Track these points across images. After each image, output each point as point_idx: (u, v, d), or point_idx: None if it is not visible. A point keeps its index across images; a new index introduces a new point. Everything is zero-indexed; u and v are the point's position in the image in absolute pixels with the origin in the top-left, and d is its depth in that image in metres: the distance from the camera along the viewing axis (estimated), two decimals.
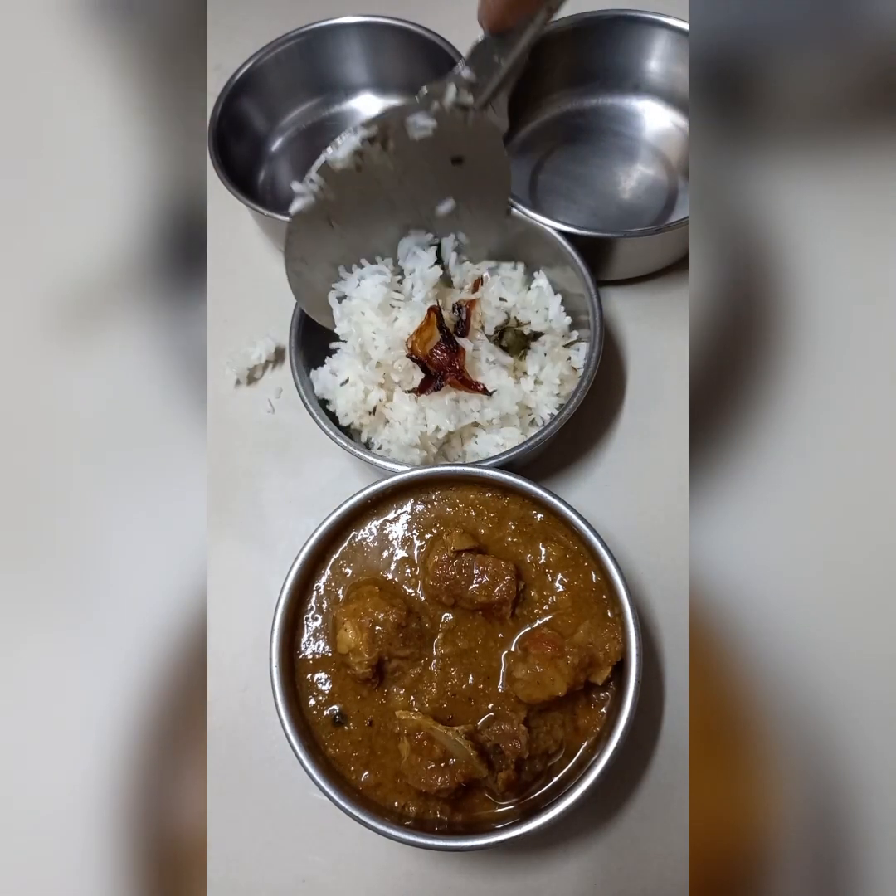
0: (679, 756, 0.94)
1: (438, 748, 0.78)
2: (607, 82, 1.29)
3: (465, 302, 1.02)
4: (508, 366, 1.01)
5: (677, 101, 1.27)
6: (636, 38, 1.22)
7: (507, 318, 1.04)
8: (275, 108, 1.37)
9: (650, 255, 1.16)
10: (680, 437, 1.10)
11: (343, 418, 1.04)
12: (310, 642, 0.87)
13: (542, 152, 1.30)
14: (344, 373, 1.02)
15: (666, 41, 1.20)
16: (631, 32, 1.21)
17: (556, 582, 0.85)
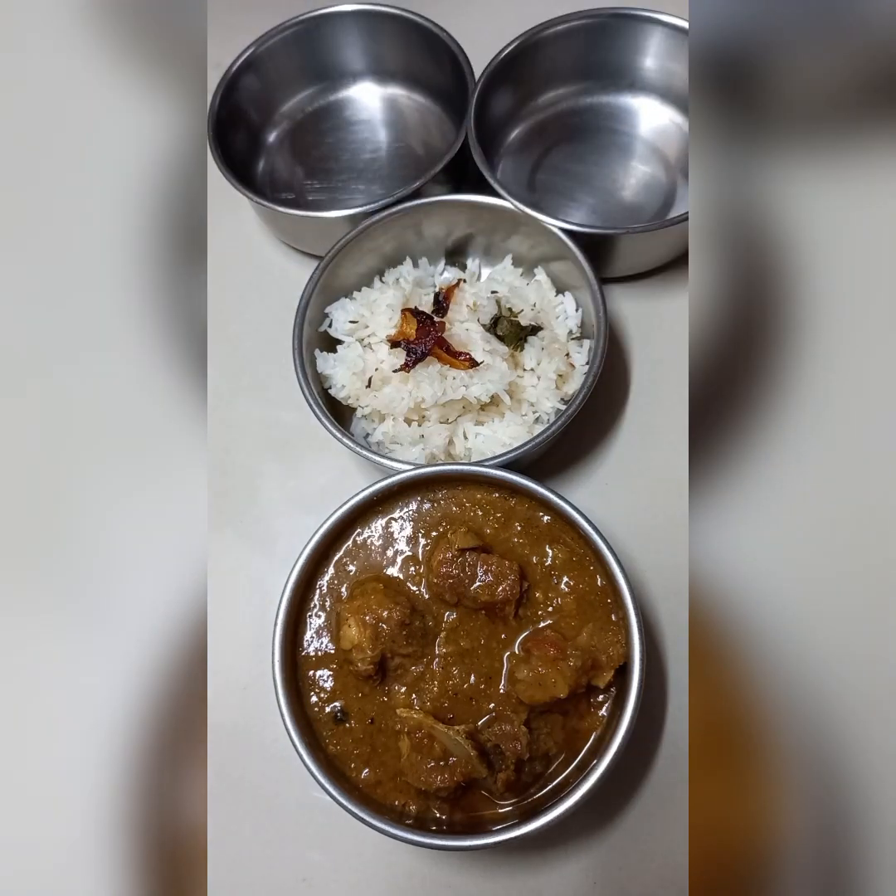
0: (680, 755, 0.93)
1: (438, 747, 0.77)
2: (604, 80, 1.29)
3: (443, 288, 1.07)
4: (504, 355, 1.02)
5: (674, 98, 1.27)
6: (631, 35, 1.22)
7: (499, 307, 1.05)
8: (273, 97, 1.37)
9: (652, 251, 1.16)
10: (682, 436, 1.10)
11: (340, 390, 1.05)
12: (312, 639, 0.87)
13: (541, 151, 1.30)
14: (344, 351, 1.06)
15: (661, 38, 1.20)
16: (626, 30, 1.21)
17: (562, 584, 0.85)
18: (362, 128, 1.39)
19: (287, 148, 1.39)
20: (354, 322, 1.09)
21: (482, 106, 1.17)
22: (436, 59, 1.26)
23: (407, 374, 1.00)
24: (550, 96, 1.31)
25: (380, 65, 1.38)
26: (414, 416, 1.03)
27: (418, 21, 1.25)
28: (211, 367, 1.21)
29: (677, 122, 1.28)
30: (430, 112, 1.37)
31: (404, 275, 1.13)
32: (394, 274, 1.14)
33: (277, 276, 1.29)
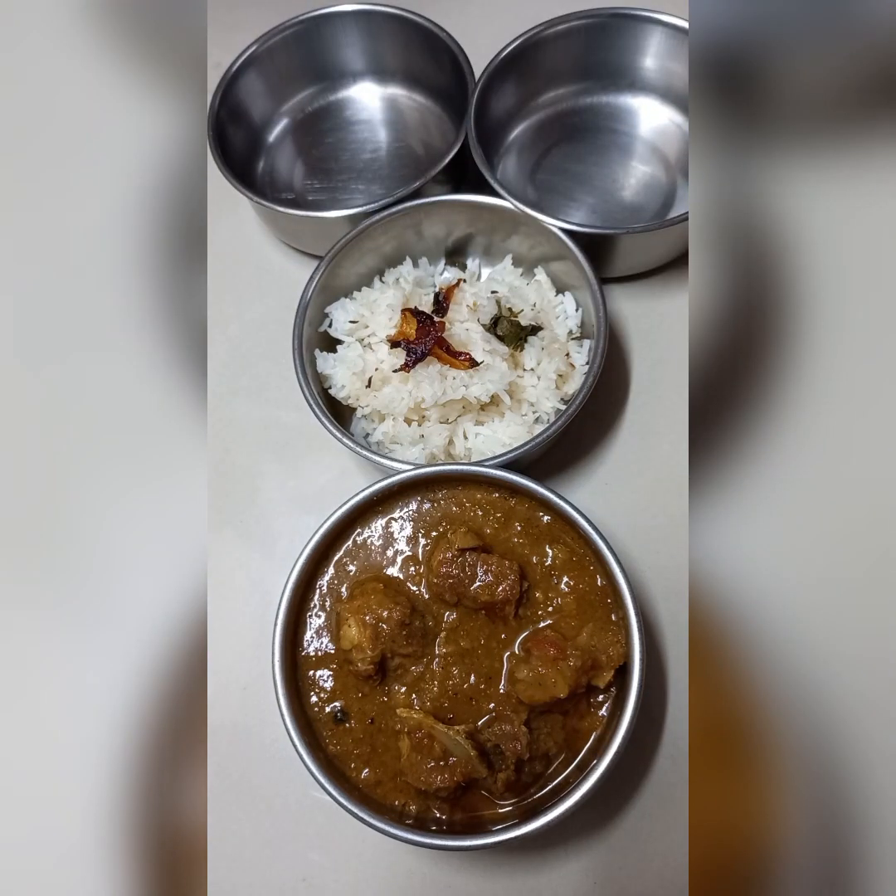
0: (680, 755, 0.93)
1: (438, 747, 0.77)
2: (604, 80, 1.29)
3: (443, 288, 1.07)
4: (504, 355, 1.02)
5: (673, 98, 1.27)
6: (631, 35, 1.22)
7: (499, 308, 1.05)
8: (272, 97, 1.37)
9: (652, 250, 1.16)
10: (682, 435, 1.10)
11: (340, 390, 1.05)
12: (312, 639, 0.87)
13: (540, 151, 1.30)
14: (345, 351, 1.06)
15: (661, 38, 1.21)
16: (626, 30, 1.21)
17: (562, 584, 0.85)
18: (362, 128, 1.39)
19: (287, 148, 1.39)
20: (354, 322, 1.09)
21: (482, 106, 1.17)
22: (436, 58, 1.26)
23: (407, 375, 1.00)
24: (550, 96, 1.32)
25: (380, 65, 1.38)
26: (414, 416, 1.03)
27: (418, 21, 1.25)
28: (211, 368, 1.21)
29: (677, 121, 1.28)
30: (430, 112, 1.37)
31: (404, 274, 1.13)
32: (394, 274, 1.14)
33: (277, 276, 1.29)
